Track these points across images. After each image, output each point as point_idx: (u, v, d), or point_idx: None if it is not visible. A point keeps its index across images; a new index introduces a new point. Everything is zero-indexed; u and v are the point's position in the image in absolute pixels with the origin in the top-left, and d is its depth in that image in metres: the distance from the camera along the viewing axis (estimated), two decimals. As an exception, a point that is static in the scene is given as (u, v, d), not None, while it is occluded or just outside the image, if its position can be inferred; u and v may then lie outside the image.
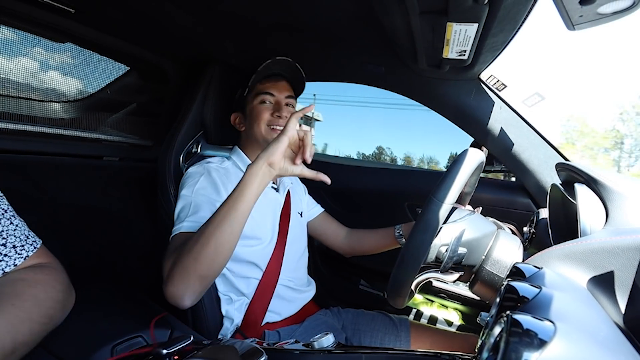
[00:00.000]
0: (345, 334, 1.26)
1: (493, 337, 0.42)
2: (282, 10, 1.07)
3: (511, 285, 0.50)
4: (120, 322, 0.90)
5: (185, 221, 1.02)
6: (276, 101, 1.23)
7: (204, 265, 0.86)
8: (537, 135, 1.28)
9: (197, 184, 1.10)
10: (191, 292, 0.89)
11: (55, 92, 1.31)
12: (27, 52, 1.17)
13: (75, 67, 1.32)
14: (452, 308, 1.62)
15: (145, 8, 1.07)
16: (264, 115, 1.21)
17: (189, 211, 1.04)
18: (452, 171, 0.76)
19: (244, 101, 1.27)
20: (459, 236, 0.81)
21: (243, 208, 0.87)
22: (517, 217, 1.40)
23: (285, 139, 0.86)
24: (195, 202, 1.06)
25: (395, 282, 0.77)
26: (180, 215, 1.06)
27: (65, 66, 1.29)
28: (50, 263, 0.78)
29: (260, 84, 1.23)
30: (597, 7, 0.71)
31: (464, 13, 0.81)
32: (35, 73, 1.21)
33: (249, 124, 1.25)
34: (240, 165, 1.25)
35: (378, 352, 0.77)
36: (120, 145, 1.49)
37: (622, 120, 16.92)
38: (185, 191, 1.10)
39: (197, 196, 1.07)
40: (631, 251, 0.53)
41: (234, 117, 1.32)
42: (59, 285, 0.74)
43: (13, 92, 1.17)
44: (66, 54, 1.28)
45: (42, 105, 1.28)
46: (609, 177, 0.76)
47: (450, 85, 1.33)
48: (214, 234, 0.85)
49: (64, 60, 1.28)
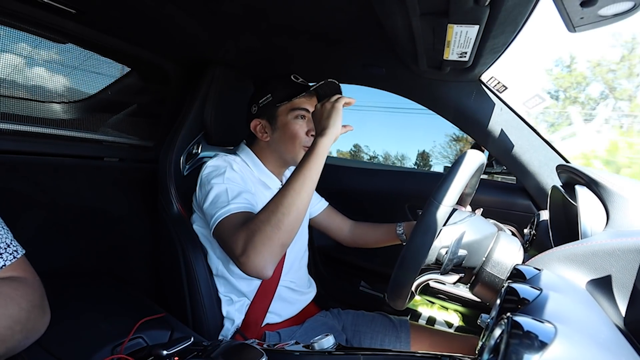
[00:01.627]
0: (345, 335, 1.26)
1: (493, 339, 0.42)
2: (284, 12, 1.07)
3: (512, 287, 0.50)
4: (120, 323, 0.90)
5: (231, 204, 1.00)
6: (309, 119, 1.19)
7: (286, 233, 0.91)
8: (537, 137, 1.28)
9: (226, 173, 1.07)
10: (274, 260, 0.91)
11: (56, 93, 1.31)
12: (28, 53, 1.17)
13: (76, 68, 1.32)
14: (453, 310, 1.62)
15: (146, 9, 1.07)
16: (300, 134, 1.17)
17: (229, 196, 1.02)
18: (452, 173, 0.75)
19: (274, 110, 1.19)
20: (459, 238, 0.81)
21: (315, 177, 0.98)
22: (518, 218, 1.39)
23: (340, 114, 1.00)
24: (231, 187, 1.04)
25: (395, 284, 0.77)
26: (219, 201, 1.02)
27: (66, 67, 1.29)
28: (26, 279, 0.69)
29: (297, 97, 1.17)
30: (598, 9, 0.71)
31: (465, 15, 0.81)
32: (36, 74, 1.21)
33: (280, 138, 1.19)
34: (251, 165, 1.21)
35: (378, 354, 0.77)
36: (120, 146, 1.49)
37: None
38: (216, 180, 1.06)
39: (230, 183, 1.05)
40: (632, 253, 0.53)
41: (255, 124, 1.22)
42: (25, 303, 0.64)
43: (14, 93, 1.17)
44: (67, 55, 1.28)
45: (42, 106, 1.28)
46: (609, 179, 0.76)
47: (451, 86, 1.33)
48: (295, 202, 0.93)
49: (64, 61, 1.28)
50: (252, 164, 1.22)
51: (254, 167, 1.22)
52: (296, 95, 1.15)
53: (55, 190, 1.26)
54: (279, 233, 0.90)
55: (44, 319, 0.69)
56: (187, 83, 1.50)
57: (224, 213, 0.99)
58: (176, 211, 1.23)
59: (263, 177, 1.22)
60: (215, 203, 1.02)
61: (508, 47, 1.03)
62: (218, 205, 1.01)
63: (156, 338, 0.88)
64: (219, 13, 1.09)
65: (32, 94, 1.23)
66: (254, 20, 1.13)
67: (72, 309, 0.98)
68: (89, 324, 0.90)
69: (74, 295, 1.07)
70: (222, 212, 0.99)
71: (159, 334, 0.91)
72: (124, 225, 1.47)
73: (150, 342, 0.87)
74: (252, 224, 0.92)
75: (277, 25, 1.16)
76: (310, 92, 1.18)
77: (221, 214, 0.99)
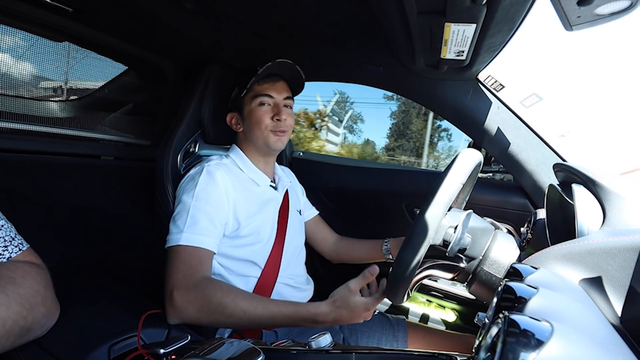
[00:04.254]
0: (342, 334, 1.26)
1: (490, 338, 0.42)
2: (281, 11, 1.07)
3: (508, 286, 0.50)
4: (117, 322, 0.90)
5: (184, 232, 1.02)
6: (275, 103, 1.21)
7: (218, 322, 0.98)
8: (534, 135, 1.28)
9: (198, 186, 1.08)
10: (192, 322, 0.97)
11: (53, 91, 1.30)
12: (25, 51, 1.17)
13: (73, 67, 1.32)
14: (450, 308, 1.62)
15: (143, 8, 1.07)
16: (264, 119, 1.19)
17: (186, 220, 1.04)
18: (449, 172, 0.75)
19: (240, 101, 1.24)
20: (465, 219, 0.82)
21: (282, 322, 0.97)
22: (515, 217, 1.40)
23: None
24: (193, 211, 1.05)
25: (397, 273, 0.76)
26: (177, 222, 1.05)
27: (62, 65, 1.29)
28: (38, 265, 0.74)
29: (258, 85, 1.20)
30: (594, 8, 0.71)
31: (462, 13, 0.81)
32: (32, 72, 1.20)
33: (248, 126, 1.23)
34: (240, 165, 1.23)
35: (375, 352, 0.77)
36: (117, 145, 1.49)
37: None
38: (185, 196, 1.09)
39: (197, 202, 1.06)
40: (628, 252, 0.53)
41: (230, 117, 1.29)
42: (40, 279, 0.69)
43: (10, 91, 1.16)
44: (64, 53, 1.27)
45: (39, 104, 1.27)
46: (606, 178, 0.76)
47: (448, 85, 1.33)
48: (252, 324, 0.96)
49: (61, 60, 1.28)
50: (242, 163, 1.24)
51: (243, 166, 1.23)
52: (251, 81, 1.18)
53: (52, 189, 1.26)
54: (219, 323, 0.99)
55: (55, 302, 0.73)
56: (184, 82, 1.49)
57: (174, 240, 1.02)
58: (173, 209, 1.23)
59: (252, 175, 1.23)
60: (174, 221, 1.07)
61: (505, 45, 1.03)
62: (175, 225, 1.06)
63: (153, 336, 0.88)
64: (215, 12, 1.09)
65: (29, 92, 1.23)
66: (250, 19, 1.13)
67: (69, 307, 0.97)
68: (85, 322, 0.89)
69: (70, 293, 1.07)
70: (173, 238, 1.03)
71: (156, 332, 0.90)
72: (121, 224, 1.47)
73: (147, 340, 0.86)
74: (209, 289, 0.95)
75: (274, 24, 1.15)
76: (273, 77, 1.22)
77: (172, 239, 1.03)
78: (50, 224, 1.26)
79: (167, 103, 1.54)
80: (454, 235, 0.81)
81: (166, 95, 1.55)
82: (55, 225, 1.27)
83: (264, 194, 1.23)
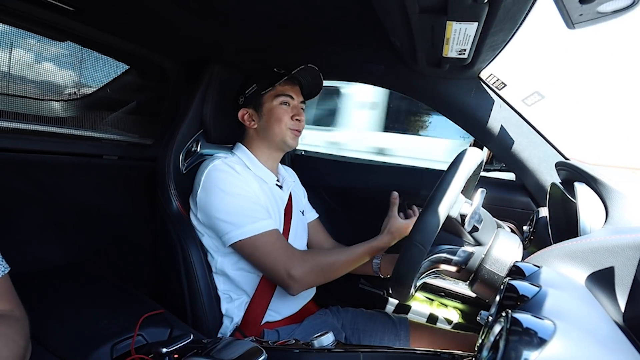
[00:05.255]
0: (344, 333, 1.26)
1: (493, 336, 0.42)
2: (282, 10, 1.07)
3: (511, 284, 0.50)
4: (119, 321, 0.90)
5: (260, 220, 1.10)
6: (294, 105, 1.24)
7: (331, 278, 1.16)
8: (537, 134, 1.28)
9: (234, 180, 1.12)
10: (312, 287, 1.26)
11: (55, 91, 1.31)
12: (27, 50, 1.17)
13: (75, 66, 1.32)
14: (452, 307, 1.62)
15: (144, 6, 1.07)
16: (285, 118, 1.21)
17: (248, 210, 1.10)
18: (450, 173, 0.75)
19: (259, 98, 1.23)
20: (481, 195, 0.82)
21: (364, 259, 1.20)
22: (517, 216, 1.39)
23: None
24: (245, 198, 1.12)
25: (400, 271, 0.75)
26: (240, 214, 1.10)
27: (65, 64, 1.29)
28: (12, 310, 0.69)
29: (280, 85, 1.20)
30: (597, 6, 0.71)
31: (464, 12, 0.81)
32: (35, 71, 1.21)
33: (266, 123, 1.22)
34: (247, 162, 1.23)
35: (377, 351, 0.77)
36: (119, 144, 1.49)
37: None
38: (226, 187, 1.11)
39: (242, 190, 1.12)
40: (631, 250, 0.53)
41: (242, 113, 1.26)
42: (20, 340, 0.65)
43: (12, 90, 1.16)
44: (66, 53, 1.27)
45: (41, 104, 1.27)
46: (608, 176, 0.76)
47: (450, 84, 1.32)
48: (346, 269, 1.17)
49: (63, 59, 1.28)
50: (249, 161, 1.23)
51: (250, 164, 1.23)
52: (279, 81, 1.18)
53: (54, 188, 1.26)
54: (331, 275, 1.15)
55: (29, 349, 0.69)
56: (185, 81, 1.49)
57: (257, 229, 1.08)
58: (175, 209, 1.23)
59: (259, 173, 1.23)
60: (236, 215, 1.09)
61: (507, 44, 1.03)
62: (241, 218, 1.09)
63: (155, 336, 0.88)
64: (217, 11, 1.09)
65: (31, 91, 1.23)
66: (252, 17, 1.13)
67: (71, 307, 0.98)
68: (88, 322, 0.90)
69: (73, 293, 1.07)
70: (253, 227, 1.08)
71: (159, 331, 0.91)
72: (123, 223, 1.47)
73: (150, 339, 0.87)
74: (317, 256, 1.14)
75: (276, 22, 1.15)
76: (292, 79, 1.23)
77: (252, 229, 1.08)
78: (52, 223, 1.26)
79: (169, 102, 1.54)
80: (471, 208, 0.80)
81: (168, 95, 1.55)
82: (57, 224, 1.28)
83: (271, 192, 1.23)
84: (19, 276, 0.73)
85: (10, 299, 0.70)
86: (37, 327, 0.74)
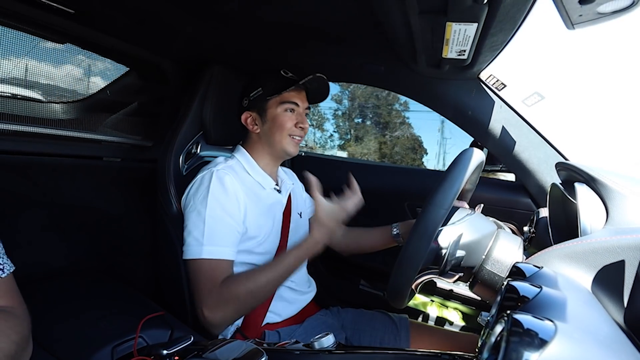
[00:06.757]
0: (345, 334, 1.26)
1: (494, 337, 0.42)
2: (283, 11, 1.07)
3: (512, 285, 0.50)
4: (119, 323, 0.90)
5: (205, 245, 1.04)
6: (299, 112, 1.23)
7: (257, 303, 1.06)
8: (537, 134, 1.28)
9: (210, 194, 1.08)
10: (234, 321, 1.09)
11: (55, 93, 1.31)
12: (27, 53, 1.17)
13: (75, 68, 1.32)
14: (453, 307, 1.62)
15: (144, 9, 1.07)
16: (289, 124, 1.20)
17: (204, 231, 1.05)
18: (450, 174, 0.75)
19: (263, 103, 1.22)
20: (456, 240, 0.80)
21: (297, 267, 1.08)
22: (517, 216, 1.39)
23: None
24: (210, 221, 1.06)
25: (394, 285, 0.76)
26: (194, 234, 1.06)
27: (65, 67, 1.29)
28: (13, 307, 0.69)
29: (286, 91, 1.20)
30: (596, 7, 0.71)
31: (464, 13, 0.81)
32: (35, 74, 1.21)
33: (269, 129, 1.22)
34: (246, 166, 1.22)
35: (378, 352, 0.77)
36: (120, 146, 1.49)
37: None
38: (198, 205, 1.09)
39: (212, 211, 1.07)
40: (631, 250, 0.53)
41: (246, 117, 1.25)
42: (14, 335, 0.63)
43: (13, 93, 1.16)
44: (66, 55, 1.27)
45: (41, 106, 1.27)
46: (609, 176, 0.76)
47: (449, 84, 1.33)
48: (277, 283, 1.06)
49: (63, 61, 1.28)
50: (248, 165, 1.23)
51: (249, 168, 1.22)
52: (286, 88, 1.19)
53: (55, 190, 1.26)
54: (254, 303, 1.04)
55: (28, 349, 0.68)
56: (185, 82, 1.49)
57: (195, 253, 1.05)
58: (175, 210, 1.23)
59: (258, 178, 1.23)
60: (190, 232, 1.08)
61: (507, 44, 1.03)
62: (192, 237, 1.07)
63: (156, 337, 0.88)
64: (217, 12, 1.09)
65: (31, 94, 1.23)
66: (252, 19, 1.13)
67: (72, 308, 0.98)
68: (88, 324, 0.90)
69: (73, 294, 1.07)
70: (193, 250, 1.05)
71: (159, 333, 0.90)
72: (123, 225, 1.47)
73: (150, 341, 0.87)
74: (233, 288, 1.01)
75: (276, 24, 1.15)
76: (299, 86, 1.22)
77: (192, 251, 1.05)
78: (53, 225, 1.27)
79: (169, 104, 1.54)
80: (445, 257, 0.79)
81: (168, 96, 1.55)
82: (58, 226, 1.28)
83: (269, 198, 1.23)
84: (19, 278, 0.72)
85: (14, 297, 0.71)
86: (37, 328, 0.74)
